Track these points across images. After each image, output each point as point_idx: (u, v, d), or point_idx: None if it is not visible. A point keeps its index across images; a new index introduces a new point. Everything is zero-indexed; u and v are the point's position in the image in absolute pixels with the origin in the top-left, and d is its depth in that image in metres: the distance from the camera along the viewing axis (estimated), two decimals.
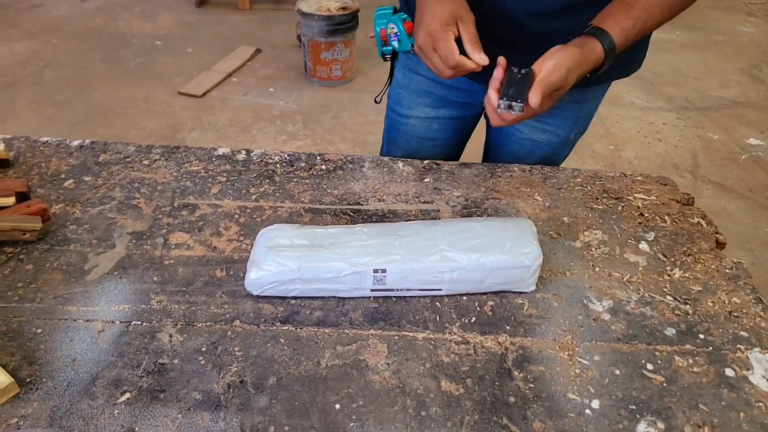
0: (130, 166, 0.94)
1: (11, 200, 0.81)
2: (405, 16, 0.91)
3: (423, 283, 0.71)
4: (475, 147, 1.21)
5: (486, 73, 0.84)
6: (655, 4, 0.77)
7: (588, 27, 0.78)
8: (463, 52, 0.77)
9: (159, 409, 0.59)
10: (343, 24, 2.90)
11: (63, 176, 0.91)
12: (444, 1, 0.78)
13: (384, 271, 0.69)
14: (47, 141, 0.99)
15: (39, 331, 0.67)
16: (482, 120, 1.12)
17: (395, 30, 0.93)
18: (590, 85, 0.90)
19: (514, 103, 0.72)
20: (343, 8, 2.93)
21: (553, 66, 0.73)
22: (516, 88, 0.73)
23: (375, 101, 1.13)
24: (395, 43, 0.96)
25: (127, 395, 0.60)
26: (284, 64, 3.36)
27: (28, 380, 0.61)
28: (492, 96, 0.75)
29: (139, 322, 0.68)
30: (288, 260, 0.69)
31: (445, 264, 0.70)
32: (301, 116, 2.87)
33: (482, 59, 0.77)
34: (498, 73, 0.76)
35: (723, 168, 2.68)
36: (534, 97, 0.72)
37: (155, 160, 0.96)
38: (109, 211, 0.85)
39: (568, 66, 0.74)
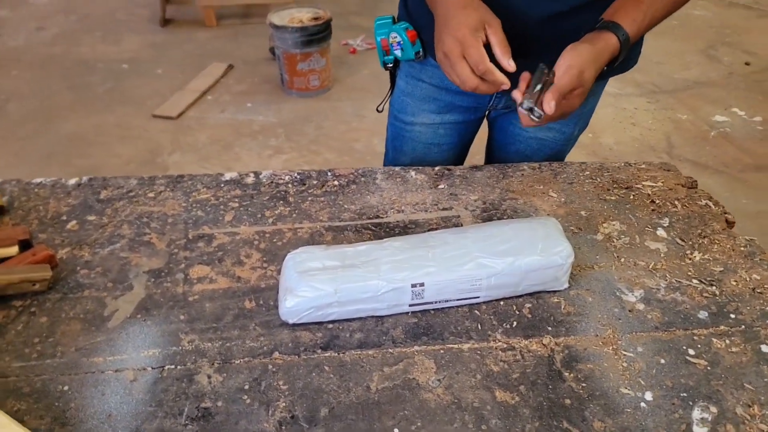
0: (135, 200, 0.91)
1: (14, 250, 0.77)
2: (407, 24, 0.91)
3: (461, 293, 0.70)
4: (473, 149, 1.21)
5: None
6: None
7: (600, 22, 0.79)
8: (491, 59, 0.77)
9: None
10: (317, 34, 2.88)
11: (64, 218, 0.87)
12: (470, 7, 0.77)
13: (422, 284, 0.68)
14: (41, 182, 0.95)
15: (66, 388, 0.63)
16: (484, 121, 1.12)
17: (398, 39, 0.92)
18: (598, 80, 0.91)
19: (535, 108, 0.72)
20: (315, 18, 2.91)
21: (565, 68, 0.74)
22: (539, 91, 0.73)
23: (377, 110, 1.13)
24: (398, 52, 0.95)
25: None
26: (259, 78, 3.32)
27: None
28: (516, 96, 0.75)
29: (172, 366, 0.66)
30: (323, 284, 0.67)
31: (481, 271, 0.69)
32: (283, 129, 2.84)
33: (510, 65, 0.76)
34: (525, 75, 0.76)
35: (695, 146, 2.76)
36: (547, 106, 0.72)
37: (160, 192, 0.93)
38: (120, 251, 0.82)
39: (580, 65, 0.74)
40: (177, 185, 0.95)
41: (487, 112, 1.09)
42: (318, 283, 0.67)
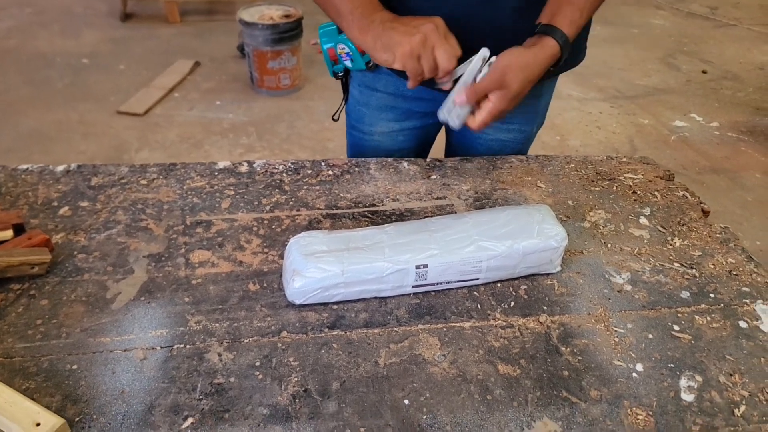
0: (128, 187, 0.90)
1: (9, 233, 0.76)
2: None
3: (462, 275, 0.73)
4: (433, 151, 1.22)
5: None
6: None
7: (538, 26, 0.82)
8: None
9: (228, 429, 0.58)
10: (289, 32, 2.88)
11: (56, 204, 0.86)
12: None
13: (425, 266, 0.71)
14: (28, 168, 0.93)
15: (75, 367, 0.63)
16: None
17: (346, 50, 0.91)
18: (545, 78, 0.95)
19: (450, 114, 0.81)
20: (286, 16, 2.91)
21: (490, 69, 0.79)
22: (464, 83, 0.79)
23: (333, 119, 1.10)
24: (348, 63, 0.93)
25: (191, 420, 0.58)
26: (227, 76, 3.29)
27: (77, 419, 0.58)
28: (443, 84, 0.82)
29: (182, 345, 0.66)
30: (330, 265, 0.69)
31: (481, 253, 0.72)
32: (254, 128, 2.82)
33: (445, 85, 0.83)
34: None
35: (657, 149, 2.89)
36: (458, 97, 0.82)
37: (153, 179, 0.92)
38: (117, 236, 0.81)
39: (504, 68, 0.78)
40: (170, 173, 0.94)
41: None
42: (325, 264, 0.69)
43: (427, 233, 0.74)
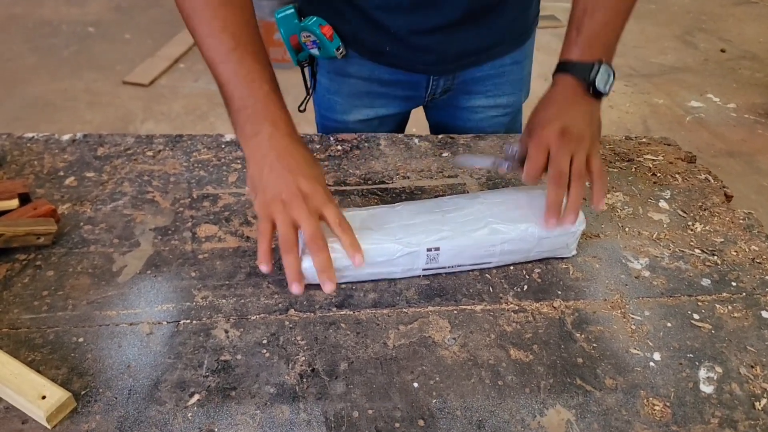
0: (134, 158, 0.88)
1: (14, 203, 0.74)
2: (318, 19, 0.84)
3: (474, 258, 0.71)
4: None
5: (428, 61, 0.87)
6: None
7: (560, 63, 0.76)
8: None
9: (234, 407, 0.56)
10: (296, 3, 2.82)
11: (62, 174, 0.84)
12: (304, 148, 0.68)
13: (437, 249, 0.69)
14: (33, 137, 0.91)
15: (81, 340, 0.62)
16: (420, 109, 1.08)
17: (312, 38, 0.85)
18: (524, 42, 0.92)
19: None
20: None
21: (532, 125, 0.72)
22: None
23: (299, 110, 0.96)
24: (315, 51, 0.87)
25: (197, 396, 0.57)
26: None
27: (82, 393, 0.57)
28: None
29: (188, 321, 0.65)
30: (340, 247, 0.67)
31: (495, 237, 0.70)
32: None
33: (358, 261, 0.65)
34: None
35: (671, 130, 2.84)
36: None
37: (159, 151, 0.90)
38: (123, 208, 0.79)
39: (537, 114, 0.72)
40: (176, 145, 0.92)
41: (425, 101, 1.01)
42: (335, 243, 0.67)
43: (440, 213, 0.72)
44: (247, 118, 0.65)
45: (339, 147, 0.94)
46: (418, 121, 1.14)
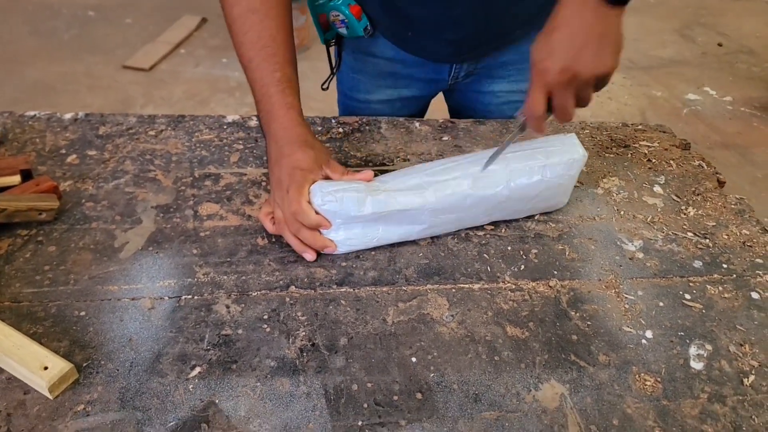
0: (136, 137, 0.89)
1: (17, 179, 0.75)
2: None
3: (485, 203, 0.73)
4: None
5: (449, 51, 0.86)
6: None
7: None
8: None
9: (235, 380, 0.58)
10: None
11: (63, 152, 0.85)
12: (306, 145, 0.71)
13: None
14: (35, 115, 0.91)
15: (83, 313, 0.63)
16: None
17: (340, 17, 0.86)
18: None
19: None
20: None
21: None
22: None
23: (322, 88, 1.01)
24: (343, 30, 0.88)
25: (198, 369, 0.58)
26: None
27: (84, 364, 0.58)
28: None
29: (189, 296, 0.66)
30: (355, 194, 0.67)
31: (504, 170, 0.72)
32: None
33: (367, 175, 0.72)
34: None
35: (668, 123, 2.80)
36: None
37: (162, 131, 0.91)
38: (125, 186, 0.80)
39: (534, 60, 0.64)
40: (178, 125, 0.93)
41: (447, 85, 1.01)
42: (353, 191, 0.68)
43: (441, 169, 0.73)
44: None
45: (340, 129, 0.95)
46: (436, 108, 1.15)
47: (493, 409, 0.57)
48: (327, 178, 0.71)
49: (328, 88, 1.02)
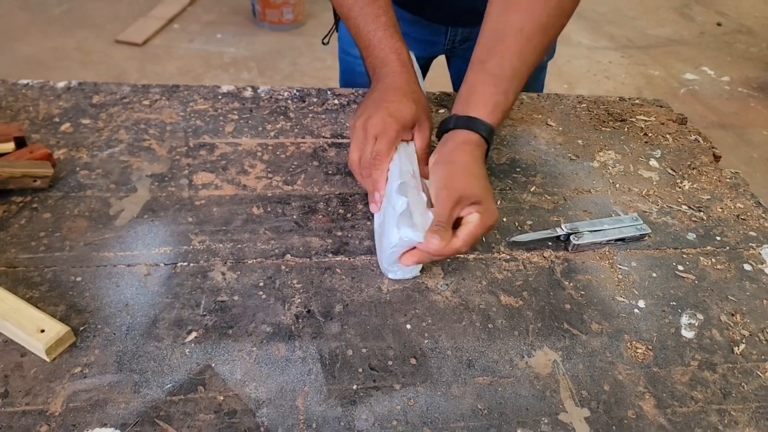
0: (130, 107, 0.88)
1: (10, 146, 0.74)
2: None
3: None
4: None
5: (441, 14, 0.84)
6: (519, 56, 0.68)
7: (452, 117, 0.69)
8: None
9: (231, 344, 0.58)
10: None
11: (57, 120, 0.84)
12: (409, 98, 0.69)
13: None
14: (28, 83, 0.90)
15: (78, 279, 0.63)
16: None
17: None
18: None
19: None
20: None
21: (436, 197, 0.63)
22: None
23: (323, 42, 1.05)
24: None
25: (194, 334, 0.59)
26: (228, 8, 3.17)
27: (81, 328, 0.58)
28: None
29: (185, 263, 0.66)
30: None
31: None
32: (255, 63, 2.75)
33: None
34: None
35: None
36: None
37: (156, 100, 0.90)
38: (120, 154, 0.79)
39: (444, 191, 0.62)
40: (173, 95, 0.92)
41: (444, 49, 1.04)
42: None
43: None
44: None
45: (336, 101, 0.94)
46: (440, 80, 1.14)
47: (487, 374, 0.58)
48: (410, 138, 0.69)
49: (328, 42, 1.06)
